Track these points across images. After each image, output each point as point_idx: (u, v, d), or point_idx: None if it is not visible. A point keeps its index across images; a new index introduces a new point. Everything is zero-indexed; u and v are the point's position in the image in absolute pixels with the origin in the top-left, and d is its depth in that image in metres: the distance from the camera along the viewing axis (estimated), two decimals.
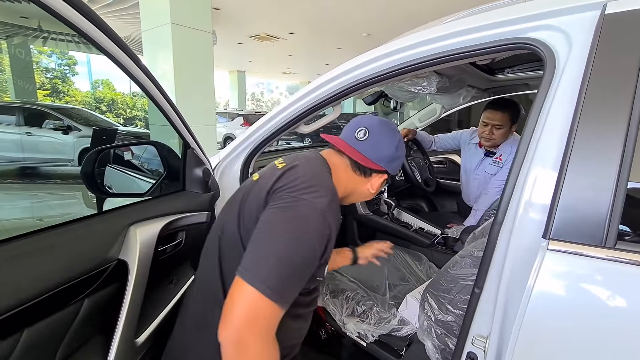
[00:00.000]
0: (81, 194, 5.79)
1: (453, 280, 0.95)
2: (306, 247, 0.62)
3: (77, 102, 16.84)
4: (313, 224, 0.63)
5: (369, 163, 0.78)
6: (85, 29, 0.58)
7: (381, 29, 7.73)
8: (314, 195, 0.65)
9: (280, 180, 0.69)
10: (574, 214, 0.58)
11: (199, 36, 4.32)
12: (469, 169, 1.97)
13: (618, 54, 0.59)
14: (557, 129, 0.65)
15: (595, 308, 0.56)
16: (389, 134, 0.80)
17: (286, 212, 0.63)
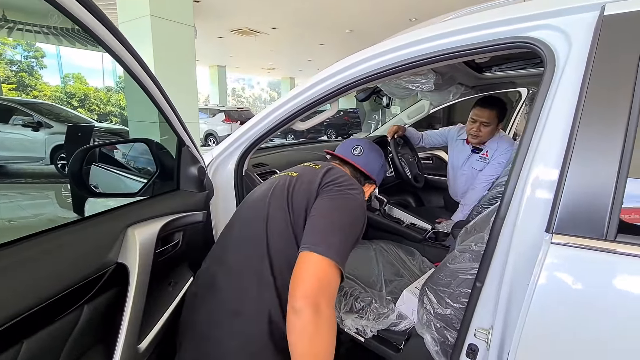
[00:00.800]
0: (54, 194, 5.52)
1: (452, 275, 0.97)
2: (358, 225, 0.79)
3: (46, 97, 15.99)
4: (359, 211, 0.81)
5: (366, 172, 1.00)
6: (87, 22, 0.55)
7: (364, 25, 7.76)
8: (356, 192, 0.83)
9: (327, 177, 0.84)
10: (576, 208, 0.60)
11: (180, 29, 4.19)
12: (456, 165, 2.01)
13: (617, 54, 0.62)
14: (558, 126, 0.67)
15: (598, 299, 0.58)
16: (377, 152, 1.06)
17: (340, 200, 0.79)
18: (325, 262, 0.67)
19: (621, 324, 0.56)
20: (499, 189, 1.62)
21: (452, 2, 5.48)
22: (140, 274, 0.69)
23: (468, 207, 1.85)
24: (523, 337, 0.64)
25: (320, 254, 0.68)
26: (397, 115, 2.43)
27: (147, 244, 0.73)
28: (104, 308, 0.66)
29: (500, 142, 1.81)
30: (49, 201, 5.23)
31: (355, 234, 0.78)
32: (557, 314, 0.62)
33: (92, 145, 0.91)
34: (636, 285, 0.56)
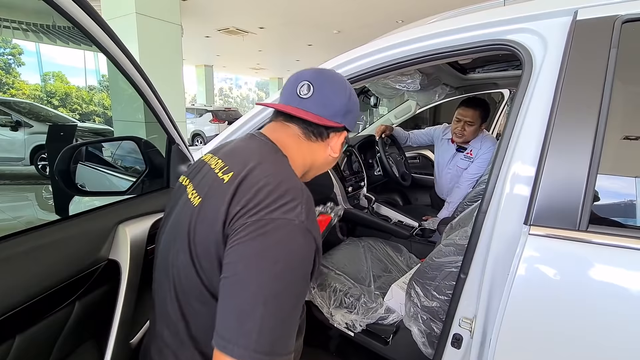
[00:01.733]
0: (34, 195, 5.35)
1: (438, 268, 1.00)
2: (297, 281, 0.48)
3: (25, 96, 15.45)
4: (297, 248, 0.48)
5: (324, 121, 0.63)
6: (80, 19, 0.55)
7: (351, 26, 7.81)
8: (287, 208, 0.50)
9: (236, 200, 0.51)
10: (552, 201, 0.64)
11: (167, 28, 4.14)
12: (442, 164, 2.07)
13: (588, 56, 0.66)
14: (535, 125, 0.71)
15: (571, 286, 0.62)
16: (337, 83, 0.66)
17: (256, 246, 0.47)
18: None
19: (594, 309, 0.60)
20: (482, 186, 1.68)
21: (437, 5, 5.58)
22: (132, 270, 0.70)
23: (453, 204, 1.90)
24: (504, 325, 0.67)
25: (235, 358, 0.43)
26: (385, 115, 2.47)
27: (139, 241, 0.74)
28: (96, 304, 0.66)
29: (484, 142, 1.87)
30: (28, 203, 5.06)
31: (295, 293, 0.48)
32: (535, 302, 0.65)
33: (79, 143, 0.90)
34: (606, 272, 0.60)
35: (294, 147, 0.64)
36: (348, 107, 0.66)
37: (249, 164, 0.56)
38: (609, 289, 0.59)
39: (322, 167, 0.72)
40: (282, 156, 0.61)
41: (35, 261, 0.55)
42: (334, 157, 0.70)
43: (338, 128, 0.67)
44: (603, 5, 0.67)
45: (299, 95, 0.63)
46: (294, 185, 0.54)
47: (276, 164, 0.59)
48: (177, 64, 4.39)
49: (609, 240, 0.59)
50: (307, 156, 0.67)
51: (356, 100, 0.69)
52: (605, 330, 0.59)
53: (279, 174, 0.55)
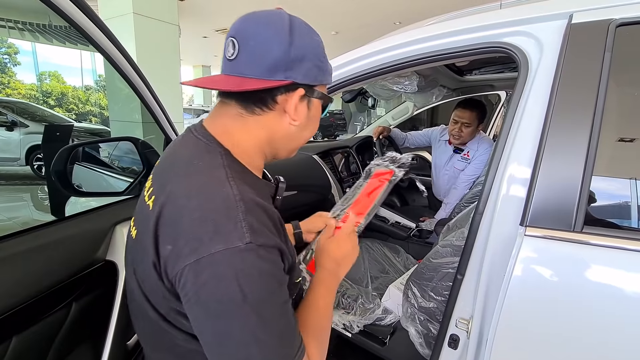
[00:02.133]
0: (29, 196, 5.31)
1: (435, 269, 1.01)
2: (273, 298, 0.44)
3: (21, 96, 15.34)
4: (257, 274, 0.42)
5: (251, 83, 0.48)
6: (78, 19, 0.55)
7: (349, 27, 7.83)
8: (225, 233, 0.41)
9: (162, 238, 0.44)
10: (547, 203, 0.65)
11: (164, 28, 4.13)
12: (439, 165, 2.07)
13: (583, 59, 0.67)
14: (531, 127, 0.71)
15: (566, 286, 0.63)
16: (269, 26, 0.49)
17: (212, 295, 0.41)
18: None
19: (590, 310, 0.61)
20: (479, 187, 1.69)
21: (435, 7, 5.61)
22: None
23: (451, 205, 1.91)
24: (500, 325, 0.68)
25: None
26: (382, 117, 2.48)
27: None
28: (93, 305, 0.66)
29: (481, 143, 1.88)
30: (24, 203, 5.03)
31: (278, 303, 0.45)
32: (531, 302, 0.66)
33: (76, 143, 0.90)
34: (601, 273, 0.61)
35: (240, 130, 0.52)
36: (292, 54, 0.48)
37: (168, 183, 0.47)
38: (604, 290, 0.60)
39: (289, 141, 0.57)
40: (216, 156, 0.49)
41: (32, 262, 0.55)
42: (296, 125, 0.53)
43: (287, 87, 0.50)
44: (597, 9, 0.68)
45: (227, 57, 0.50)
46: (225, 201, 0.43)
47: (202, 174, 0.47)
48: (174, 64, 4.39)
49: (603, 242, 0.60)
50: (259, 135, 0.53)
51: (308, 42, 0.51)
52: (601, 331, 0.60)
53: (204, 191, 0.44)
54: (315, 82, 0.53)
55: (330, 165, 1.83)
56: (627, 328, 0.58)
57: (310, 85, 0.52)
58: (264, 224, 0.45)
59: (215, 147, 0.50)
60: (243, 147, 0.52)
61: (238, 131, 0.52)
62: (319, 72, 0.53)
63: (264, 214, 0.46)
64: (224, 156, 0.49)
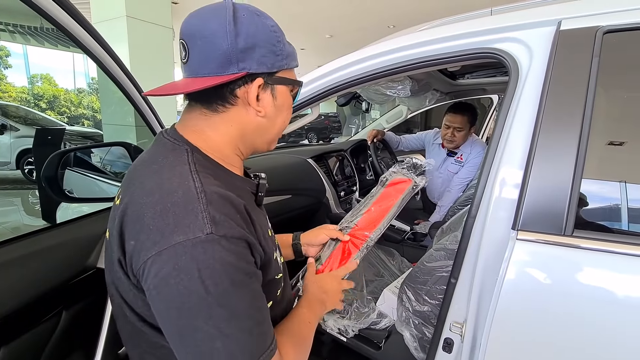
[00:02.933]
0: (20, 200, 5.23)
1: (429, 273, 1.01)
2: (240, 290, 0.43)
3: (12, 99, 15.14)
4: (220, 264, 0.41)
5: (201, 82, 0.46)
6: (64, 22, 0.54)
7: (343, 31, 7.88)
8: (186, 224, 0.41)
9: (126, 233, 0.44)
10: (539, 206, 0.66)
11: (158, 31, 4.11)
12: (433, 168, 2.09)
13: (572, 64, 0.68)
14: (522, 131, 0.72)
15: (558, 289, 0.63)
16: (211, 19, 0.47)
17: (174, 286, 0.40)
18: None
19: (581, 314, 0.61)
20: (473, 190, 1.70)
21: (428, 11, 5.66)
22: None
23: (444, 208, 1.92)
24: (493, 329, 0.68)
25: None
26: (377, 120, 2.49)
27: None
28: (83, 313, 0.65)
29: (474, 146, 1.90)
30: (14, 208, 4.94)
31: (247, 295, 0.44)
32: (523, 306, 0.66)
33: (68, 149, 0.88)
34: (592, 277, 0.62)
35: (208, 129, 0.51)
36: (240, 44, 0.47)
37: (132, 185, 0.47)
38: (596, 293, 0.61)
39: (263, 133, 0.55)
40: (181, 153, 0.48)
41: (20, 270, 0.54)
42: (262, 116, 0.52)
43: (243, 79, 0.49)
44: (585, 16, 0.69)
45: (182, 61, 0.49)
46: (186, 194, 0.43)
47: (164, 170, 0.46)
48: (168, 67, 4.37)
49: (594, 245, 0.61)
50: (228, 131, 0.52)
51: (259, 30, 0.48)
52: (593, 335, 0.60)
53: (164, 186, 0.44)
54: (274, 69, 0.51)
55: (325, 169, 1.83)
56: (619, 332, 0.58)
57: (269, 72, 0.50)
58: (228, 215, 0.44)
59: (183, 145, 0.49)
60: (213, 144, 0.51)
61: (206, 130, 0.51)
62: (276, 57, 0.50)
63: (228, 205, 0.45)
64: (189, 153, 0.48)
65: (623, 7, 0.66)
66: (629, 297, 0.58)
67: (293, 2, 6.14)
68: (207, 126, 0.51)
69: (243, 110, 0.51)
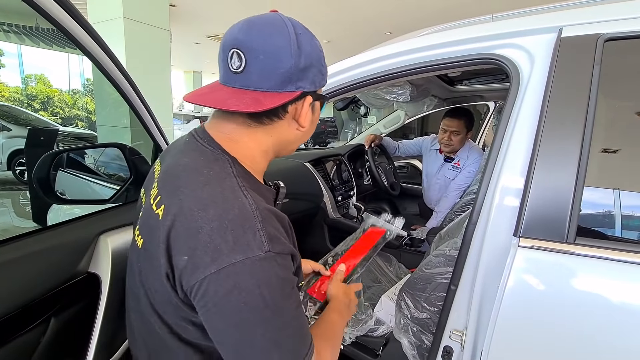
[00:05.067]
0: (10, 202, 5.13)
1: (428, 279, 1.00)
2: (289, 302, 0.45)
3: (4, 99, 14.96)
4: (275, 280, 0.43)
5: (268, 101, 0.46)
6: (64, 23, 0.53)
7: (341, 36, 7.92)
8: (245, 242, 0.41)
9: (176, 250, 0.43)
10: (541, 213, 0.65)
11: (155, 33, 4.09)
12: (430, 174, 2.09)
13: (573, 72, 0.68)
14: (523, 138, 0.72)
15: (561, 297, 0.63)
16: (275, 36, 0.47)
17: (235, 304, 0.41)
18: None
19: (583, 321, 0.61)
20: (470, 196, 1.70)
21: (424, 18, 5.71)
22: (113, 283, 0.66)
23: (442, 214, 1.92)
24: (494, 337, 0.67)
25: None
26: (374, 125, 2.49)
27: (121, 252, 0.70)
28: (73, 320, 0.62)
29: (471, 152, 1.90)
30: (4, 210, 4.85)
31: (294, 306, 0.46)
32: (525, 313, 0.65)
33: (60, 149, 0.86)
34: (594, 285, 0.61)
35: (246, 138, 0.51)
36: (300, 64, 0.48)
37: (180, 194, 0.45)
38: (598, 302, 0.60)
39: (295, 143, 0.58)
40: (224, 164, 0.48)
41: (7, 276, 0.52)
42: (304, 130, 0.55)
43: (295, 98, 0.50)
44: (586, 23, 0.70)
45: (232, 69, 0.48)
46: (242, 211, 0.43)
47: (214, 183, 0.46)
48: (165, 69, 4.34)
49: (596, 253, 0.60)
50: (266, 141, 0.53)
51: (313, 48, 0.50)
52: (596, 343, 0.60)
53: (219, 201, 0.44)
54: (319, 87, 0.54)
55: (322, 174, 1.82)
56: (624, 341, 0.58)
57: (315, 90, 0.53)
58: (279, 231, 0.46)
59: (222, 155, 0.49)
60: (249, 154, 0.52)
61: (244, 139, 0.51)
62: (322, 76, 0.54)
63: (277, 222, 0.47)
64: (232, 165, 0.49)
65: (625, 15, 0.67)
66: (633, 306, 0.57)
67: (293, 7, 6.17)
68: (247, 135, 0.51)
69: (286, 124, 0.53)
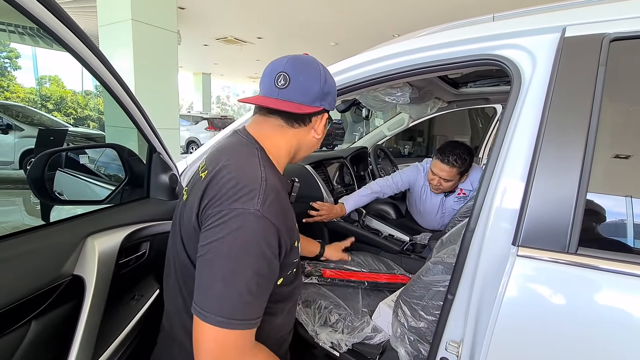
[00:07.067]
0: (22, 200, 5.24)
1: (426, 287, 0.97)
2: (251, 259, 0.57)
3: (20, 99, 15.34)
4: (251, 232, 0.57)
5: (304, 108, 0.68)
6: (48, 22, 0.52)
7: (348, 39, 7.92)
8: (245, 199, 0.58)
9: (206, 195, 0.62)
10: (541, 222, 0.62)
11: (163, 35, 4.13)
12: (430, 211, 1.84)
13: (576, 73, 0.64)
14: (523, 142, 0.69)
15: (561, 310, 0.59)
16: (312, 69, 0.70)
17: (218, 232, 0.57)
18: (213, 330, 0.54)
19: (584, 336, 0.57)
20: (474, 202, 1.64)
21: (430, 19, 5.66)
22: (98, 287, 0.65)
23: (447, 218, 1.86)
24: (491, 349, 0.64)
25: (205, 322, 0.55)
26: (378, 128, 2.46)
27: (108, 255, 0.69)
28: (55, 324, 0.61)
29: (473, 175, 1.69)
30: (15, 208, 4.95)
31: (252, 268, 0.57)
32: (523, 327, 0.62)
33: (55, 149, 0.86)
34: (597, 297, 0.57)
35: (277, 137, 0.71)
36: (325, 90, 0.71)
37: (220, 163, 0.65)
38: (602, 315, 0.57)
39: (309, 148, 0.79)
40: (253, 149, 0.68)
41: None
42: (318, 138, 0.77)
43: (319, 111, 0.72)
44: (591, 23, 0.66)
45: (277, 86, 0.68)
46: (254, 179, 0.61)
47: (243, 159, 0.66)
48: (172, 70, 4.38)
49: (600, 264, 0.57)
50: (292, 142, 0.73)
51: (332, 82, 0.74)
52: (596, 357, 0.56)
53: (242, 169, 0.63)
54: (331, 108, 0.76)
55: (323, 176, 1.80)
56: (622, 354, 0.54)
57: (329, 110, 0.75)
58: (274, 204, 0.61)
59: (254, 143, 0.69)
60: (277, 148, 0.71)
61: (276, 137, 0.71)
62: (335, 101, 0.77)
63: (278, 198, 0.63)
64: (258, 150, 0.68)
65: (631, 14, 0.63)
66: (638, 320, 0.54)
67: (301, 10, 6.20)
68: (280, 135, 0.71)
69: (307, 131, 0.74)
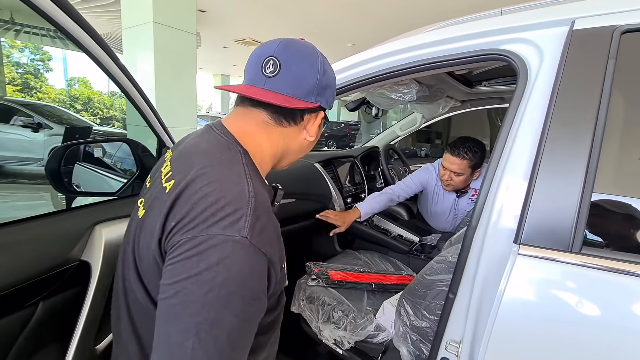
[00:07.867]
0: (49, 195, 5.50)
1: (429, 286, 0.95)
2: (237, 304, 0.42)
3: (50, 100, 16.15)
4: (237, 268, 0.42)
5: (296, 103, 0.54)
6: (63, 23, 0.55)
7: (365, 40, 7.88)
8: (228, 222, 0.43)
9: (173, 214, 0.46)
10: (544, 220, 0.60)
11: (182, 37, 4.26)
12: (442, 212, 1.80)
13: (585, 67, 0.62)
14: (528, 139, 0.67)
15: (563, 311, 0.57)
16: (308, 55, 0.56)
17: (191, 267, 0.41)
18: None
19: (585, 337, 0.55)
20: None
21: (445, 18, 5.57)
22: (104, 272, 0.68)
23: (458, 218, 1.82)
24: (490, 349, 0.63)
25: None
26: (390, 127, 2.44)
27: (113, 243, 0.72)
28: (62, 306, 0.65)
29: None
30: (43, 202, 5.19)
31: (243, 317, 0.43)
32: (523, 326, 0.60)
33: (71, 142, 0.91)
34: (599, 298, 0.55)
35: (261, 136, 0.56)
36: (322, 82, 0.57)
37: (191, 170, 0.48)
38: (604, 317, 0.54)
39: (298, 153, 0.64)
40: (236, 153, 0.52)
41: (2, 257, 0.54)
42: (310, 141, 0.62)
43: (313, 108, 0.58)
44: (601, 15, 0.64)
45: (264, 73, 0.54)
46: (239, 194, 0.46)
47: (224, 166, 0.50)
48: (191, 71, 4.50)
49: (604, 264, 0.55)
50: (278, 144, 0.58)
51: (332, 75, 0.60)
52: (596, 358, 0.54)
53: (223, 181, 0.47)
54: (329, 107, 0.62)
55: (332, 175, 1.80)
56: (626, 356, 0.52)
57: (325, 108, 0.61)
58: (266, 228, 0.46)
59: (235, 145, 0.53)
60: (260, 150, 0.56)
61: (260, 136, 0.56)
62: (333, 98, 0.63)
63: (269, 219, 0.48)
64: (242, 155, 0.52)
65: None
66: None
67: (319, 11, 6.23)
68: (262, 133, 0.56)
69: (298, 131, 0.59)
